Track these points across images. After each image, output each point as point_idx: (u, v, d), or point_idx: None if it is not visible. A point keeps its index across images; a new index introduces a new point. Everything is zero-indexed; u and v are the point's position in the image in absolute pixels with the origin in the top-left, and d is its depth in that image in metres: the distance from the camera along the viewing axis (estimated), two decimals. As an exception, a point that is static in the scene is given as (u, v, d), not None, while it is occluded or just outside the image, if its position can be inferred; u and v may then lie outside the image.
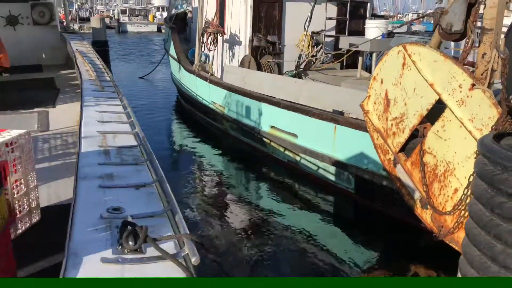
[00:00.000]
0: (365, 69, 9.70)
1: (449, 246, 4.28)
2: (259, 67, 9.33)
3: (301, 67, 9.29)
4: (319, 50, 9.62)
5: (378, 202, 6.32)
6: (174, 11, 17.31)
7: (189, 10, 16.06)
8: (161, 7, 54.62)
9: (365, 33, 9.05)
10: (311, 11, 9.01)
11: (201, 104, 10.71)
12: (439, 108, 4.36)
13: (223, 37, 10.32)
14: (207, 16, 10.48)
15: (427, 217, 4.62)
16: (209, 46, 10.12)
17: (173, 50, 12.72)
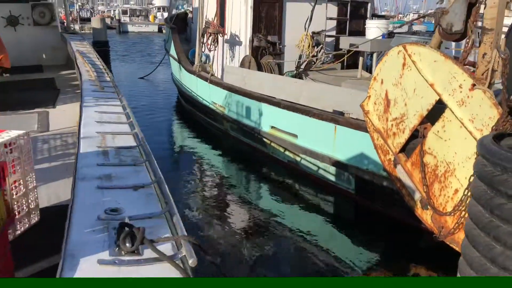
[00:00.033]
0: (365, 69, 9.68)
1: (449, 247, 4.27)
2: (260, 67, 9.33)
3: (302, 67, 9.28)
4: (319, 50, 9.60)
5: (378, 202, 6.31)
6: (174, 12, 17.33)
7: (189, 10, 16.05)
8: (162, 8, 54.65)
9: (365, 33, 9.04)
10: (312, 11, 9.01)
11: (202, 104, 10.70)
12: (440, 108, 4.35)
13: (224, 38, 10.32)
14: (207, 16, 10.47)
15: (427, 217, 4.60)
16: (209, 46, 10.11)
17: (173, 50, 12.72)
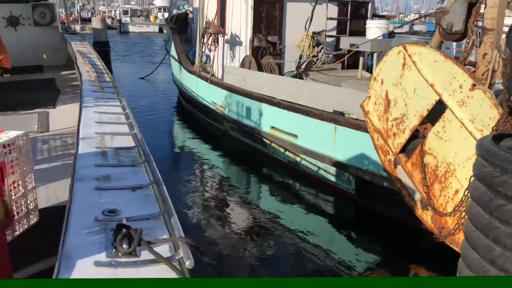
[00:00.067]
0: (366, 69, 9.66)
1: (449, 247, 4.26)
2: (260, 67, 9.32)
3: (302, 67, 9.28)
4: (320, 50, 9.59)
5: (378, 203, 6.29)
6: (175, 12, 17.32)
7: (190, 10, 16.03)
8: (162, 8, 54.65)
9: (366, 34, 9.03)
10: (312, 11, 8.99)
11: (202, 104, 10.70)
12: (440, 108, 4.34)
13: (224, 38, 10.31)
14: (207, 16, 10.47)
15: (427, 218, 4.59)
16: (209, 46, 10.11)
17: (174, 50, 12.72)
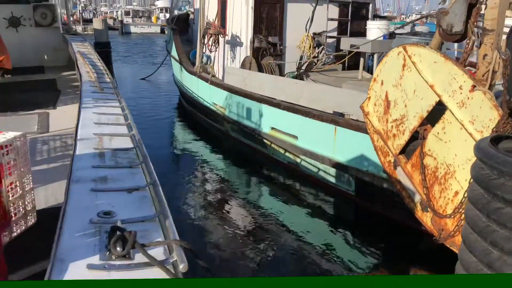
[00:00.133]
0: (367, 70, 9.65)
1: (449, 249, 4.24)
2: (260, 68, 9.31)
3: (303, 68, 9.27)
4: (320, 51, 9.58)
5: (378, 204, 6.28)
6: (176, 13, 17.33)
7: (191, 11, 16.04)
8: (164, 9, 54.71)
9: (366, 34, 9.01)
10: (313, 12, 8.99)
11: (202, 105, 10.70)
12: (440, 110, 4.32)
13: (224, 38, 10.31)
14: (208, 17, 10.47)
15: (427, 220, 4.58)
16: (210, 47, 10.11)
17: (174, 51, 12.73)
